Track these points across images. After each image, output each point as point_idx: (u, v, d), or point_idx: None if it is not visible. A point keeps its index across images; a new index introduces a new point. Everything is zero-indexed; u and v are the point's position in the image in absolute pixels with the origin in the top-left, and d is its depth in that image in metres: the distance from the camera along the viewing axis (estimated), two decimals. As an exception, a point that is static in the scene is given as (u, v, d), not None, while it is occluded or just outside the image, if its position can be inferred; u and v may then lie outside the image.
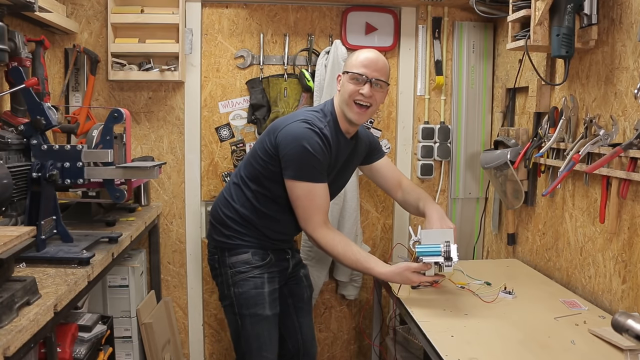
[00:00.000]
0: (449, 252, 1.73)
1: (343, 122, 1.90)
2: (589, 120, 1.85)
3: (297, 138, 1.77)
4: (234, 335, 2.00)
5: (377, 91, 1.84)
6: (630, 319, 1.32)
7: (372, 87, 1.82)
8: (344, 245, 1.84)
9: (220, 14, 2.63)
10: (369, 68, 1.82)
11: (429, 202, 2.03)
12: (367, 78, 1.82)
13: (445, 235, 1.80)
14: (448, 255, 1.73)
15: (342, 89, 1.87)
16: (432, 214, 1.96)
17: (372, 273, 1.85)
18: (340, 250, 1.83)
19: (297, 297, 2.13)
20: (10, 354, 1.08)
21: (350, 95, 1.83)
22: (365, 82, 1.82)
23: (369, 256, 1.86)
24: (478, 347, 1.49)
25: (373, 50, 1.90)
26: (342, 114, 1.89)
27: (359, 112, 1.84)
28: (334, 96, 1.95)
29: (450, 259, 1.73)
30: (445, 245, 1.74)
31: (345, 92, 1.84)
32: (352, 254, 1.83)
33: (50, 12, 2.12)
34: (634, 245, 1.68)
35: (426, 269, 1.78)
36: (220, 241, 1.96)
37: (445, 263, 1.74)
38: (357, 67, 1.83)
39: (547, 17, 1.82)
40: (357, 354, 2.96)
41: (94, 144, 1.82)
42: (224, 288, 1.96)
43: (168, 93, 2.64)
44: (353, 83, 1.83)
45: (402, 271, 1.79)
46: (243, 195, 1.93)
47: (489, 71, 2.76)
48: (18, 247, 1.25)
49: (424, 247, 1.78)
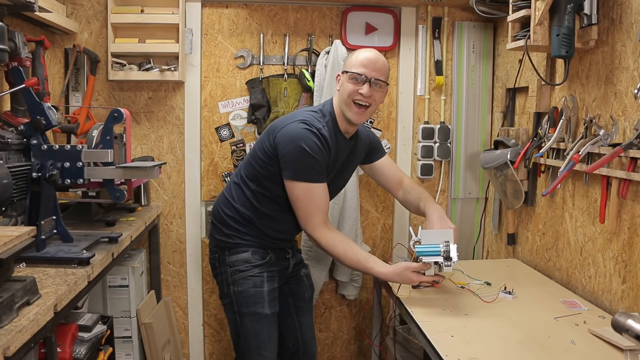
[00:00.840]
0: (448, 252, 1.74)
1: (342, 122, 1.90)
2: (589, 120, 1.85)
3: (294, 138, 1.78)
4: (233, 334, 2.01)
5: (376, 91, 1.84)
6: (630, 319, 1.32)
7: (371, 86, 1.82)
8: (344, 245, 1.84)
9: (220, 14, 2.63)
10: (368, 68, 1.82)
11: (430, 202, 2.03)
12: (366, 78, 1.82)
13: (445, 235, 1.81)
14: (447, 255, 1.74)
15: (341, 89, 1.87)
16: (432, 214, 1.97)
17: (372, 273, 1.86)
18: (341, 250, 1.84)
19: (298, 297, 2.13)
20: (10, 354, 1.08)
21: (349, 95, 1.83)
22: (365, 82, 1.82)
23: (369, 256, 1.86)
24: (478, 347, 1.49)
25: (372, 49, 1.90)
26: (341, 114, 1.89)
27: (358, 112, 1.85)
28: (333, 96, 1.95)
29: (450, 259, 1.74)
30: (444, 245, 1.75)
31: (345, 91, 1.84)
32: (352, 254, 1.84)
33: (50, 12, 2.12)
34: (634, 245, 1.68)
35: (426, 268, 1.78)
36: (220, 240, 1.97)
37: (444, 263, 1.74)
38: (356, 67, 1.83)
39: (547, 17, 1.82)
40: (357, 354, 2.96)
41: (94, 144, 1.82)
42: (224, 286, 1.97)
43: (168, 93, 2.64)
44: (352, 83, 1.83)
45: (402, 271, 1.79)
46: (243, 195, 1.93)
47: (489, 71, 2.76)
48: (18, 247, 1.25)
49: (424, 247, 1.79)
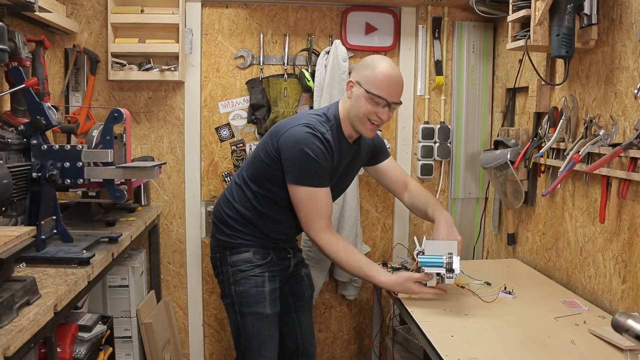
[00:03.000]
0: (451, 263, 1.74)
1: (347, 128, 1.89)
2: (589, 120, 1.85)
3: (298, 142, 1.77)
4: (234, 334, 2.01)
5: (392, 111, 1.84)
6: (630, 319, 1.32)
7: (389, 110, 1.82)
8: (346, 251, 1.83)
9: (220, 14, 2.63)
10: (391, 93, 1.79)
11: (438, 209, 2.02)
12: (387, 103, 1.80)
13: (450, 247, 1.80)
14: (450, 267, 1.74)
15: (356, 104, 1.82)
16: (440, 222, 1.96)
17: (373, 281, 1.85)
18: (343, 256, 1.83)
19: (298, 296, 2.14)
20: (10, 354, 1.08)
21: (366, 114, 1.81)
22: (385, 106, 1.80)
23: (371, 264, 1.86)
24: (478, 347, 1.49)
25: (394, 68, 1.83)
26: (348, 121, 1.88)
27: (372, 128, 1.85)
28: (340, 101, 1.93)
29: (452, 271, 1.74)
30: (447, 257, 1.75)
31: (361, 110, 1.81)
32: (354, 261, 1.83)
33: (50, 12, 2.12)
34: (634, 245, 1.68)
35: (427, 279, 1.79)
36: (222, 240, 1.97)
37: (446, 274, 1.74)
38: (378, 90, 1.78)
39: (547, 17, 1.82)
40: (357, 354, 2.96)
41: (94, 144, 1.82)
42: (225, 286, 1.97)
43: (168, 93, 2.64)
44: (372, 104, 1.80)
45: (403, 281, 1.79)
46: (244, 196, 1.93)
47: (489, 71, 2.76)
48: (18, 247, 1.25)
49: (427, 258, 1.79)
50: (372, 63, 1.83)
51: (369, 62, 1.84)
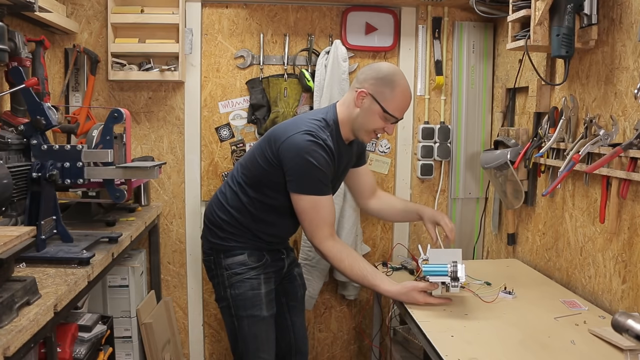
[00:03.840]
0: (456, 272, 1.73)
1: (346, 132, 1.89)
2: (589, 120, 1.85)
3: (301, 151, 1.75)
4: (231, 337, 2.00)
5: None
6: (630, 319, 1.32)
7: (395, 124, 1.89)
8: (351, 260, 1.83)
9: (220, 14, 2.63)
10: (403, 112, 1.86)
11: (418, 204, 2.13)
12: (397, 120, 1.85)
13: (454, 255, 1.79)
14: (455, 275, 1.73)
15: (367, 117, 1.83)
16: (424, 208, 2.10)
17: (378, 290, 1.85)
18: (347, 265, 1.83)
19: (291, 296, 2.13)
20: (10, 354, 1.08)
21: (375, 129, 1.85)
22: (394, 122, 1.86)
23: (375, 272, 1.85)
24: (478, 347, 1.49)
25: (408, 84, 1.85)
26: (348, 126, 1.87)
27: (373, 137, 1.92)
28: (339, 104, 1.91)
29: (457, 279, 1.73)
30: (452, 265, 1.74)
31: (371, 124, 1.84)
32: (359, 270, 1.83)
33: (50, 12, 2.12)
34: (634, 245, 1.68)
35: (433, 288, 1.78)
36: (215, 243, 1.95)
37: (452, 283, 1.74)
38: (395, 112, 1.81)
39: (547, 17, 1.82)
40: (357, 354, 2.95)
41: (94, 144, 1.82)
42: (221, 290, 1.96)
43: (168, 93, 2.64)
44: (384, 121, 1.83)
45: (408, 291, 1.78)
46: (239, 201, 1.91)
47: (489, 71, 2.76)
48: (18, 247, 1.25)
49: (431, 267, 1.78)
50: (390, 81, 1.80)
51: (387, 78, 1.80)
